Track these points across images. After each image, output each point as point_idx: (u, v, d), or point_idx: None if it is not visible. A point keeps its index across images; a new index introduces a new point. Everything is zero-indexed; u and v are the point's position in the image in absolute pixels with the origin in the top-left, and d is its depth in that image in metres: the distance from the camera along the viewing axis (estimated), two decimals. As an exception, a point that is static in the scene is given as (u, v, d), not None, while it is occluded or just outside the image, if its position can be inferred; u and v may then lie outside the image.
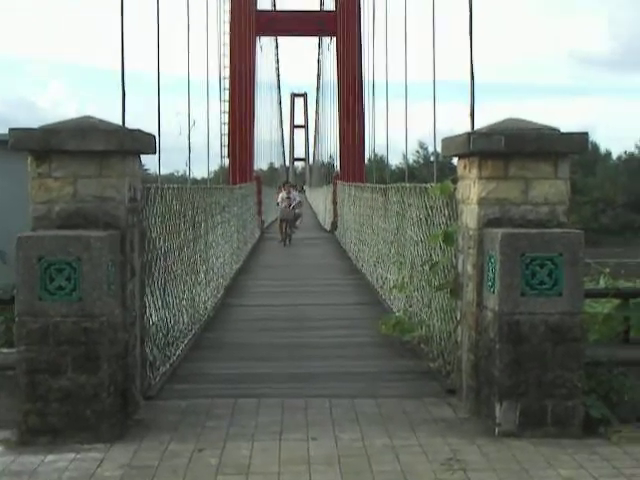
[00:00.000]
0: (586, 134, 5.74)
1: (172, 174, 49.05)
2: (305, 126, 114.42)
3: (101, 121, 5.73)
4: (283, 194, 24.98)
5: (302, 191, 79.62)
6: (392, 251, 11.11)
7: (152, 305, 7.01)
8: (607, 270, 7.46)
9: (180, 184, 10.53)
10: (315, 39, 54.13)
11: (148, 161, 8.10)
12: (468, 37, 7.37)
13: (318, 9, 44.89)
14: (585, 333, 5.63)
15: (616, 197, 74.35)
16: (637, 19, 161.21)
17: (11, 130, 5.55)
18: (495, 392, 5.40)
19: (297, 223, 25.19)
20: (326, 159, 63.60)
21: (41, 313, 5.20)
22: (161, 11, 11.33)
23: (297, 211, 24.91)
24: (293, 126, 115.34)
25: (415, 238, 8.87)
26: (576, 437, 5.31)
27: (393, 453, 5.08)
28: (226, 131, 31.24)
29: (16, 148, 5.56)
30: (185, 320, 8.87)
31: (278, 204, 24.97)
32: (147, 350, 6.57)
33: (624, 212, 73.05)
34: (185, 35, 15.53)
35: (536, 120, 5.84)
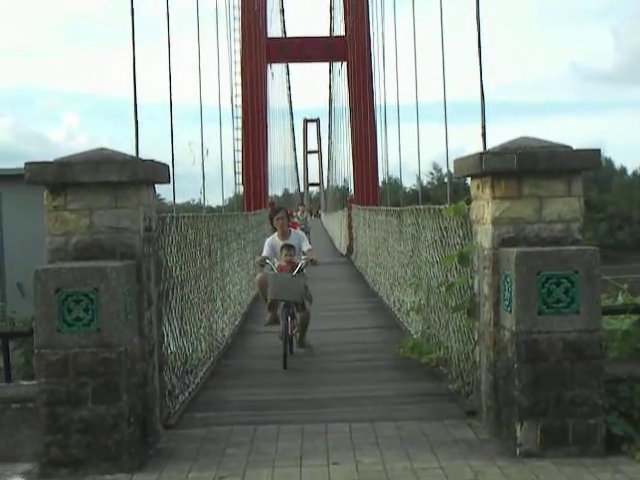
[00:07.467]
0: (598, 150, 5.73)
1: (188, 203, 49.24)
2: (318, 151, 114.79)
3: (115, 152, 5.77)
4: (275, 238, 10.16)
5: (317, 215, 78.49)
6: (408, 273, 11.10)
7: (170, 334, 7.03)
8: (625, 286, 7.41)
9: (195, 212, 10.58)
10: (326, 64, 54.56)
11: (163, 190, 8.14)
12: (477, 57, 7.39)
13: (328, 35, 45.34)
14: (604, 350, 5.60)
15: (632, 212, 74.03)
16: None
17: (27, 164, 5.59)
18: (515, 412, 5.36)
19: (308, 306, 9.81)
20: (340, 183, 63.81)
21: (60, 345, 5.22)
22: (172, 41, 11.42)
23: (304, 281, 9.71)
24: (307, 151, 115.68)
25: (430, 260, 8.87)
26: (599, 456, 5.27)
27: (414, 476, 5.04)
28: (240, 158, 31.43)
29: (32, 182, 5.61)
30: (203, 348, 8.89)
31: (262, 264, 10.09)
32: (166, 379, 6.58)
33: (641, 228, 72.71)
34: (197, 64, 15.68)
35: (546, 138, 5.84)
